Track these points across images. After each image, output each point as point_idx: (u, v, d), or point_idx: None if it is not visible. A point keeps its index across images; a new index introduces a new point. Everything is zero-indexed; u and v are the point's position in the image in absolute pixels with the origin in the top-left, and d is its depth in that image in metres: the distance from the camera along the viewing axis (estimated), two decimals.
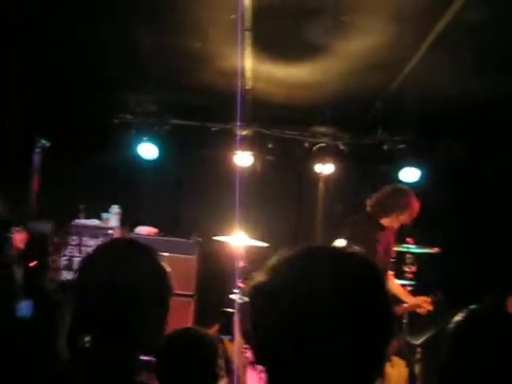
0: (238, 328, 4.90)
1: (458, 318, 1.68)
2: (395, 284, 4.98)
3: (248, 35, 4.46)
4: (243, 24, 4.28)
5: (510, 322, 1.62)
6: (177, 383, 1.95)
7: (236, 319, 4.96)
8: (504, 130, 6.35)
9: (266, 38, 4.55)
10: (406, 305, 4.76)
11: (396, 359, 2.03)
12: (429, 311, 4.73)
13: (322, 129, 6.86)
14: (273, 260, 1.09)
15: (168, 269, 1.54)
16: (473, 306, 1.71)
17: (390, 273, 5.00)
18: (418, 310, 4.80)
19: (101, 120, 6.64)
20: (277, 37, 4.55)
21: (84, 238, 6.08)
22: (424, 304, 4.76)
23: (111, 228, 6.06)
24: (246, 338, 4.64)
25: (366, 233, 4.59)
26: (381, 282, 1.07)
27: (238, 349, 4.84)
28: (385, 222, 4.71)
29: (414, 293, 5.43)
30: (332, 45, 4.62)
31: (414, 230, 5.42)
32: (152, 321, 1.47)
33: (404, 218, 4.72)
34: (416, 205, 4.74)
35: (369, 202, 4.77)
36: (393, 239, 4.84)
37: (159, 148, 6.73)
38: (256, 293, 1.06)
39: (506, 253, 6.41)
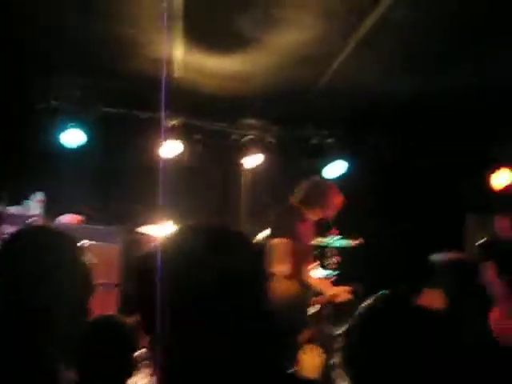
0: None
1: (363, 304, 1.72)
2: (313, 277, 5.07)
3: (179, 24, 4.43)
4: (174, 12, 4.25)
5: (411, 309, 1.67)
6: (94, 370, 1.92)
7: None
8: (430, 126, 6.59)
9: (198, 27, 4.54)
10: (325, 295, 4.84)
11: (310, 347, 2.08)
12: (349, 301, 4.82)
13: (251, 121, 6.89)
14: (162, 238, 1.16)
15: (91, 260, 1.52)
16: (380, 293, 1.76)
17: (314, 264, 5.10)
18: (338, 300, 4.87)
19: (25, 105, 6.41)
20: (208, 27, 4.54)
21: (4, 226, 5.86)
22: (343, 294, 4.85)
23: (33, 216, 5.87)
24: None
25: (287, 224, 4.71)
26: (258, 258, 1.14)
27: None
28: (307, 214, 4.82)
29: (337, 283, 5.57)
30: (262, 38, 4.65)
31: (339, 222, 5.55)
32: (72, 313, 1.45)
33: (325, 212, 4.83)
34: (337, 200, 4.87)
35: (292, 195, 4.89)
36: (313, 230, 4.97)
37: (86, 135, 6.56)
38: (143, 266, 1.11)
39: (427, 246, 6.66)
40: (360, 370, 1.58)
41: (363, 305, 1.70)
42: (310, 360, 2.15)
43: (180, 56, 5.13)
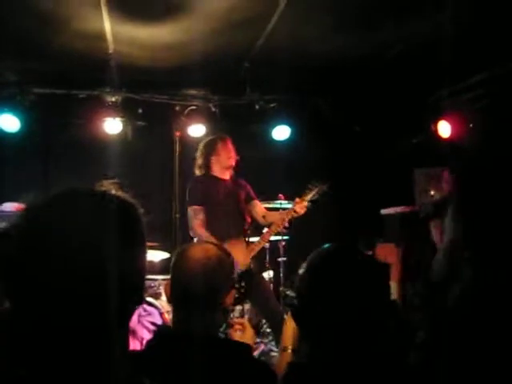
0: None
1: (308, 257, 1.71)
2: (271, 214, 5.13)
3: None
4: None
5: (357, 257, 1.66)
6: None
7: None
8: (368, 85, 6.60)
9: None
10: (284, 216, 4.85)
11: (244, 322, 2.08)
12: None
13: (192, 91, 6.79)
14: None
15: None
16: (323, 246, 1.74)
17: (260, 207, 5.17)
18: (296, 214, 4.84)
19: None
20: None
21: None
22: (297, 207, 4.82)
23: None
24: None
25: (194, 189, 4.91)
26: (129, 218, 1.10)
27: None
28: (214, 173, 4.99)
29: (288, 248, 5.59)
30: (192, 4, 4.54)
31: (286, 186, 5.55)
32: None
33: (221, 160, 4.96)
34: (225, 143, 5.01)
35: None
36: (234, 185, 5.03)
37: (23, 119, 6.36)
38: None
39: (374, 203, 6.73)
40: (306, 316, 1.58)
41: (309, 257, 1.69)
42: (244, 335, 2.15)
43: (109, 29, 4.98)
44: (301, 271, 1.68)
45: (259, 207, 5.14)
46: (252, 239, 4.97)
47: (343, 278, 1.56)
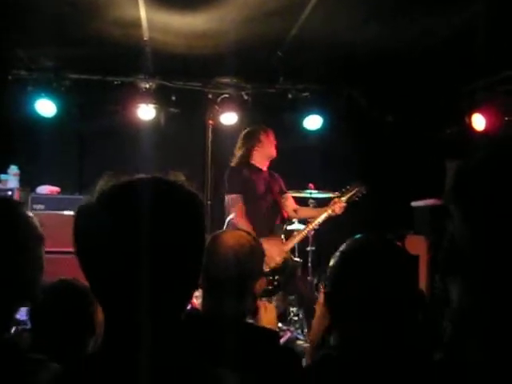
0: None
1: (341, 247, 1.72)
2: (305, 210, 5.18)
3: None
4: None
5: (389, 248, 1.67)
6: (50, 333, 1.93)
7: None
8: (402, 75, 6.54)
9: None
10: (320, 218, 4.88)
11: (267, 304, 2.12)
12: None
13: (225, 79, 6.82)
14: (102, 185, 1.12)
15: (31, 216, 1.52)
16: (356, 236, 1.76)
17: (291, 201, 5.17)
18: (334, 214, 4.88)
19: None
20: None
21: None
22: (337, 207, 4.86)
23: (10, 189, 5.83)
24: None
25: (239, 177, 4.86)
26: (194, 210, 1.15)
27: None
28: (256, 163, 4.98)
29: (317, 237, 5.60)
30: None
31: (316, 176, 5.55)
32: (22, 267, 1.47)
33: (264, 150, 4.96)
34: (268, 134, 5.02)
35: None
36: (269, 177, 5.03)
37: (59, 104, 6.49)
38: (80, 214, 1.12)
39: (405, 195, 6.69)
40: (339, 306, 1.60)
41: (338, 251, 1.71)
42: (268, 315, 2.19)
43: (144, 16, 5.03)
44: (333, 260, 1.70)
45: (290, 201, 5.15)
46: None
47: (374, 267, 1.57)
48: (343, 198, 4.89)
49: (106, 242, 1.06)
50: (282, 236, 4.85)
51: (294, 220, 5.20)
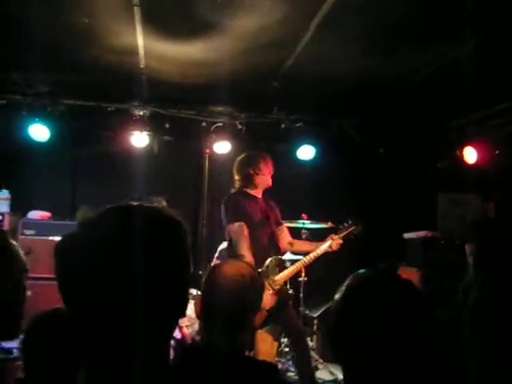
0: None
1: (347, 281, 1.70)
2: (301, 243, 5.07)
3: (137, 10, 4.37)
4: None
5: (398, 283, 1.65)
6: (42, 363, 1.89)
7: None
8: (395, 108, 6.62)
9: (156, 13, 4.48)
10: (315, 253, 4.73)
11: (264, 334, 2.10)
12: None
13: (219, 108, 6.86)
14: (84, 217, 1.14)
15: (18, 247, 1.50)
16: (361, 271, 1.74)
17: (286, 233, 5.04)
18: (330, 250, 4.73)
19: None
20: (167, 13, 4.47)
21: None
22: (334, 243, 4.73)
23: (0, 214, 5.81)
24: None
25: (237, 205, 4.69)
26: (180, 236, 1.14)
27: None
28: (251, 191, 4.82)
29: (309, 268, 5.57)
30: (223, 23, 4.60)
31: (309, 206, 5.56)
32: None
33: (261, 179, 4.81)
34: (267, 162, 4.84)
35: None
36: (265, 205, 4.87)
37: (53, 129, 6.50)
38: (62, 246, 1.10)
39: (397, 227, 6.71)
40: (344, 342, 1.57)
41: (344, 286, 1.68)
42: (265, 346, 2.17)
43: (142, 44, 5.07)
44: (338, 294, 1.68)
45: (286, 233, 5.01)
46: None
47: (383, 304, 1.50)
48: (340, 235, 4.80)
49: (89, 271, 1.05)
50: (277, 269, 4.71)
51: (286, 252, 5.09)
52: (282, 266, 4.67)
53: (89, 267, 1.05)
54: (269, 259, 4.54)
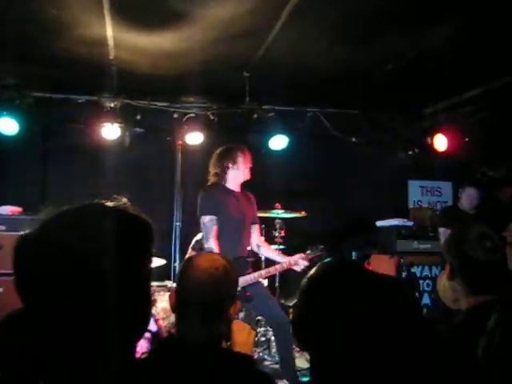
0: None
1: (310, 273, 1.71)
2: (268, 249, 5.00)
3: (106, 1, 4.31)
4: None
5: (360, 272, 1.66)
6: (13, 364, 1.87)
7: None
8: (366, 97, 6.66)
9: (125, 4, 4.41)
10: (283, 264, 4.67)
11: (240, 324, 2.10)
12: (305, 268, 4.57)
13: (191, 99, 6.82)
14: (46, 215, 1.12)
15: None
16: (325, 260, 1.75)
17: (258, 234, 4.98)
18: (296, 268, 4.65)
19: None
20: (136, 3, 4.41)
21: None
22: (301, 261, 4.64)
23: None
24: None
25: (211, 199, 4.65)
26: (143, 234, 1.13)
27: None
28: (229, 185, 4.76)
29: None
30: (193, 13, 4.56)
31: (282, 196, 5.57)
32: None
33: (239, 173, 4.74)
34: (245, 155, 4.77)
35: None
36: (245, 200, 4.82)
37: (22, 123, 6.38)
38: (22, 243, 1.09)
39: (369, 215, 6.77)
40: (309, 336, 1.57)
41: (311, 272, 1.69)
42: (242, 338, 2.17)
43: (111, 35, 5.00)
44: (302, 285, 1.68)
45: (257, 234, 4.95)
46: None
47: (346, 294, 1.52)
48: (310, 256, 4.72)
49: (48, 271, 1.04)
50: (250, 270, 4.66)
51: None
52: (244, 268, 4.58)
53: (47, 269, 1.03)
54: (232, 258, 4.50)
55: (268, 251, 4.98)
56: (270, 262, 5.13)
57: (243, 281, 4.35)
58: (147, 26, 4.85)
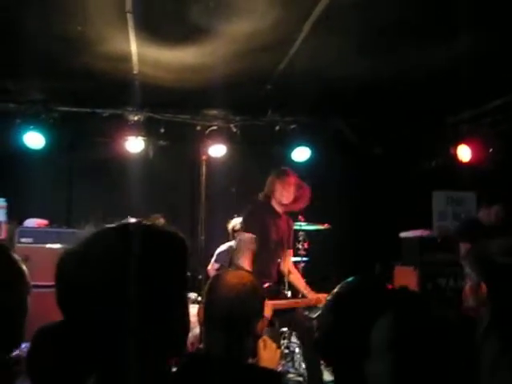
0: None
1: (335, 290, 1.72)
2: (298, 278, 4.98)
3: (130, 17, 4.37)
4: (124, 6, 4.20)
5: (381, 291, 1.67)
6: (48, 378, 1.89)
7: None
8: (389, 108, 6.64)
9: (149, 20, 4.48)
10: (310, 301, 4.65)
11: (268, 341, 2.12)
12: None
13: (214, 112, 6.86)
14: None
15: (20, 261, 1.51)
16: (349, 279, 1.75)
17: (290, 260, 4.97)
18: (319, 305, 4.59)
19: None
20: (159, 19, 4.49)
21: None
22: (320, 301, 4.55)
23: None
24: None
25: (257, 219, 4.63)
26: (181, 254, 1.15)
27: None
28: (276, 206, 4.76)
29: (307, 269, 5.58)
30: (216, 27, 4.61)
31: (305, 208, 5.56)
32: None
33: (277, 198, 4.72)
34: (284, 181, 4.73)
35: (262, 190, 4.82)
36: (285, 225, 4.82)
37: (48, 136, 6.49)
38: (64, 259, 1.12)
39: (393, 226, 6.73)
40: (334, 352, 1.57)
41: (336, 289, 1.69)
42: (268, 353, 2.18)
43: (135, 51, 5.07)
44: (327, 303, 1.69)
45: (289, 259, 4.94)
46: None
47: (371, 314, 1.52)
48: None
49: (87, 289, 1.07)
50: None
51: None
52: (275, 293, 4.57)
53: (87, 285, 1.06)
54: (268, 284, 4.49)
55: (297, 281, 4.93)
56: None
57: (275, 303, 4.29)
58: (170, 41, 4.91)
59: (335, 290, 1.72)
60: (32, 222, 6.11)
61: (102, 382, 1.09)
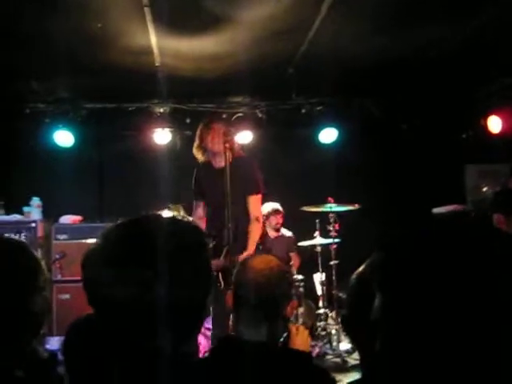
0: None
1: (358, 270, 1.72)
2: (252, 231, 4.37)
3: (147, 11, 4.41)
4: (141, 0, 4.24)
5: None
6: (84, 367, 1.94)
7: None
8: (416, 82, 6.54)
9: (166, 12, 4.49)
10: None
11: (300, 327, 2.15)
12: None
13: (238, 98, 6.87)
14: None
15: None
16: (372, 258, 1.74)
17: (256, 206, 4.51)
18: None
19: (10, 111, 6.44)
20: (177, 10, 4.49)
21: (7, 235, 5.90)
22: None
23: (34, 221, 5.93)
24: None
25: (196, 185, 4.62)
26: (201, 244, 1.21)
27: None
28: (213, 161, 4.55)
29: (339, 250, 5.56)
30: (233, 14, 4.61)
31: (335, 189, 5.55)
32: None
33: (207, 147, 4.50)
34: (206, 127, 4.50)
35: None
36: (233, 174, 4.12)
37: (77, 134, 6.61)
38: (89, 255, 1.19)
39: (425, 202, 6.65)
40: (359, 332, 1.57)
41: (360, 269, 1.69)
42: (300, 338, 2.21)
43: (155, 43, 5.11)
44: (351, 282, 1.68)
45: (253, 206, 4.44)
46: None
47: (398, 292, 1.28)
48: None
49: (112, 281, 1.11)
50: None
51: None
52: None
53: (111, 278, 1.10)
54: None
55: (250, 234, 4.39)
56: None
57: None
58: (189, 31, 4.93)
59: (359, 270, 1.71)
60: (67, 219, 6.23)
61: (128, 371, 1.13)
